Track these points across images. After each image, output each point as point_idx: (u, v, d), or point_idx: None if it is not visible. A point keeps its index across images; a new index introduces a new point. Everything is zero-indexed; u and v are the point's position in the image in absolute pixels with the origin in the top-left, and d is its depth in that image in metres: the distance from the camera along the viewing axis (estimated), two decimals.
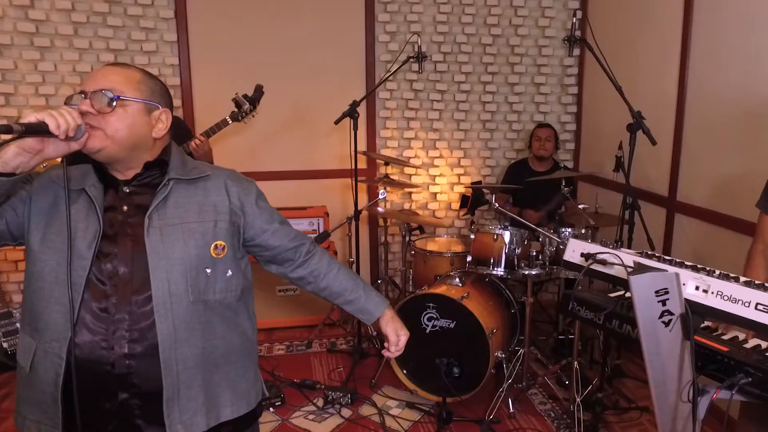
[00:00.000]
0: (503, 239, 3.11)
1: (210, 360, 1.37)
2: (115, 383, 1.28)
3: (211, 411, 1.38)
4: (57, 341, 1.27)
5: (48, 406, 1.30)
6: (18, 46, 3.55)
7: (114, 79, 1.29)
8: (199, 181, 1.41)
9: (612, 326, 1.89)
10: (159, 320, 1.28)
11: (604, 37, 2.92)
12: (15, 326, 3.16)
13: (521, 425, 2.93)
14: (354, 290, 1.61)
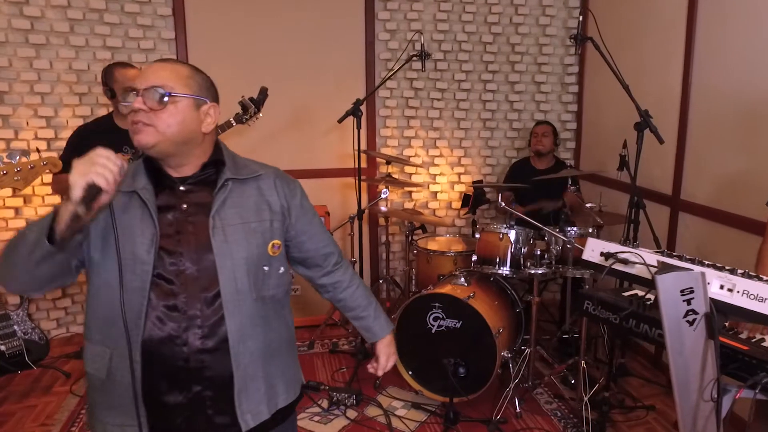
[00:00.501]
0: (509, 238, 3.09)
1: (268, 352, 1.42)
2: (189, 377, 1.32)
3: (271, 400, 1.44)
4: (129, 344, 1.29)
5: (130, 408, 1.31)
6: (12, 43, 3.47)
7: (164, 76, 1.30)
8: (251, 180, 1.44)
9: (629, 326, 1.88)
10: (228, 317, 1.32)
11: (606, 35, 2.89)
12: (12, 329, 3.11)
13: (528, 425, 2.91)
14: (366, 308, 1.68)
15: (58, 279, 1.32)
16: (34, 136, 3.62)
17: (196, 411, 1.35)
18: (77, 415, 2.98)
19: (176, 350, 1.30)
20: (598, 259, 1.70)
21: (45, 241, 1.18)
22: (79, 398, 3.13)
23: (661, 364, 3.46)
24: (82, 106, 3.70)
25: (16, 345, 3.09)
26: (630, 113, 3.62)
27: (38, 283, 1.29)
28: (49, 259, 1.21)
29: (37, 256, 1.20)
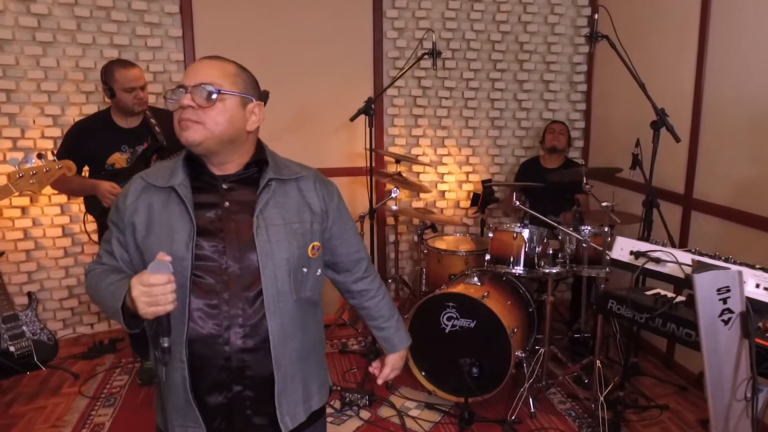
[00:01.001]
0: (523, 237, 3.07)
1: (305, 353, 1.42)
2: (230, 376, 1.32)
3: (306, 402, 1.44)
4: (177, 346, 1.29)
5: (186, 410, 1.34)
6: (19, 41, 3.43)
7: (212, 73, 1.30)
8: (292, 181, 1.42)
9: (655, 325, 1.87)
10: (270, 317, 1.32)
11: (618, 33, 2.88)
12: (21, 329, 3.07)
13: (543, 425, 2.89)
14: (389, 320, 1.66)
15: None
16: (41, 135, 3.58)
17: (235, 411, 1.35)
18: (87, 416, 2.94)
19: (218, 349, 1.30)
20: (628, 258, 1.68)
21: (123, 321, 1.27)
22: (89, 399, 3.10)
23: (673, 364, 3.45)
24: (89, 104, 3.66)
25: (25, 346, 3.05)
26: (642, 112, 3.62)
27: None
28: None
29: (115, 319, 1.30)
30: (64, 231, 3.73)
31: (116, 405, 3.06)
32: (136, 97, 2.89)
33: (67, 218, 3.73)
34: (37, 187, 2.21)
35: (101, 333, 3.90)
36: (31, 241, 3.65)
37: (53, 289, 3.76)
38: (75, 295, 3.85)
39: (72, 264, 3.81)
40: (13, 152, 3.51)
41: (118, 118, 2.96)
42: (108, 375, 3.38)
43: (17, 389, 3.19)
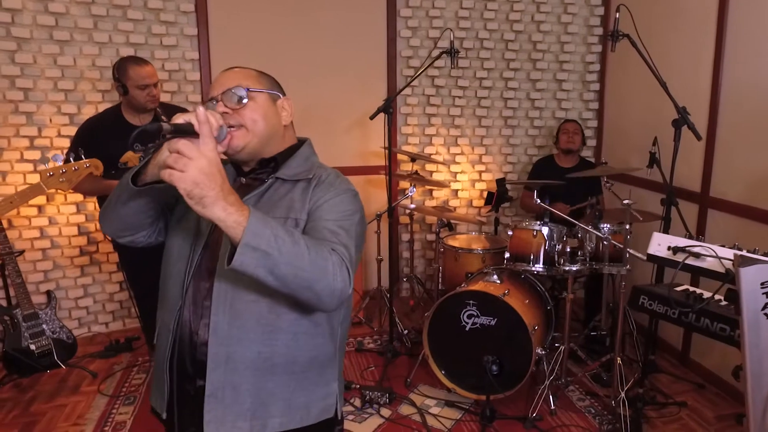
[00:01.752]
0: (543, 235, 3.08)
1: (267, 367, 1.27)
2: (196, 369, 1.29)
3: (257, 419, 1.28)
4: (170, 312, 1.32)
5: (161, 379, 1.34)
6: (37, 40, 3.43)
7: (237, 78, 1.33)
8: (301, 181, 1.36)
9: (689, 320, 1.87)
10: (214, 310, 1.25)
11: (631, 31, 2.89)
12: (41, 328, 3.07)
13: (564, 422, 2.90)
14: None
15: (135, 227, 1.36)
16: (57, 134, 3.58)
17: (196, 406, 1.28)
18: (108, 414, 2.94)
19: (192, 338, 1.29)
20: (666, 253, 1.69)
21: (130, 183, 1.22)
22: (108, 398, 3.10)
23: (689, 361, 3.47)
24: (105, 103, 3.66)
25: (45, 344, 3.05)
26: (657, 110, 3.65)
27: (122, 224, 1.36)
28: (132, 201, 1.27)
29: (124, 198, 1.27)
30: (79, 230, 3.73)
31: (136, 403, 3.06)
32: (149, 94, 2.88)
33: (82, 217, 3.73)
34: (66, 185, 2.22)
35: (116, 332, 3.90)
36: (48, 240, 3.65)
37: (69, 287, 3.76)
38: (90, 294, 3.85)
39: (87, 263, 3.81)
40: (30, 151, 3.51)
41: (130, 116, 2.95)
42: (126, 374, 3.38)
43: (36, 387, 3.19)
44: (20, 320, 3.01)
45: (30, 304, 3.06)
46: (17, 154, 3.48)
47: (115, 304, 3.95)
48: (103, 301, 3.91)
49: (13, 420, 2.88)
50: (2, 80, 3.38)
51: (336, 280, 1.14)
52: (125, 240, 1.39)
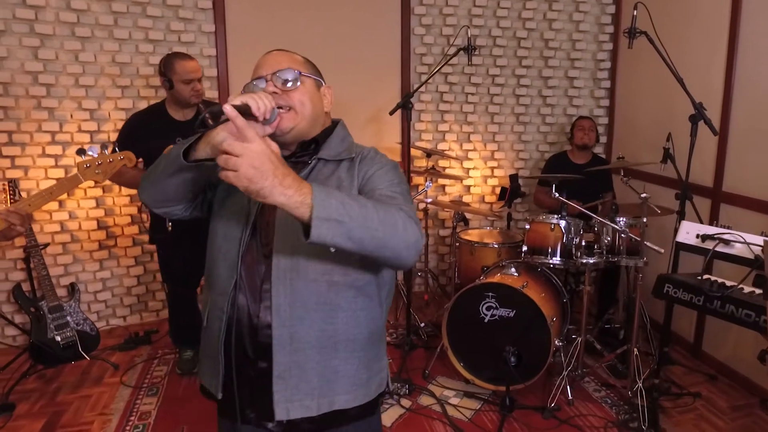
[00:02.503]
0: (560, 228, 3.13)
1: (330, 344, 1.31)
2: (257, 351, 1.30)
3: (323, 397, 1.31)
4: (222, 295, 1.32)
5: (214, 360, 1.35)
6: (59, 36, 3.47)
7: (286, 61, 1.36)
8: (344, 161, 1.39)
9: (713, 307, 1.93)
10: (275, 295, 1.27)
11: (646, 27, 2.93)
12: (66, 319, 3.12)
13: (581, 412, 2.95)
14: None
15: (175, 199, 1.37)
16: (78, 129, 3.62)
17: (257, 387, 1.31)
18: (133, 405, 2.99)
19: (252, 321, 1.30)
20: (695, 241, 1.74)
21: (181, 157, 1.23)
22: (132, 389, 3.14)
23: (701, 354, 3.52)
24: (124, 98, 3.71)
25: (69, 335, 3.09)
26: (670, 106, 3.71)
27: (163, 195, 1.36)
28: (178, 174, 1.28)
29: (170, 170, 1.28)
30: (98, 224, 3.77)
31: (159, 394, 3.10)
32: (193, 89, 2.94)
33: (101, 211, 3.77)
34: (101, 176, 2.26)
35: (134, 325, 3.95)
36: (68, 234, 3.69)
37: (88, 281, 3.80)
38: (109, 287, 3.89)
39: (106, 257, 3.85)
40: (52, 146, 3.55)
41: (174, 111, 3.00)
42: (147, 366, 3.42)
43: (60, 378, 3.23)
44: (46, 312, 3.06)
45: (55, 296, 3.10)
46: (39, 149, 3.52)
47: (132, 298, 3.99)
48: (121, 295, 3.95)
49: (40, 410, 2.93)
50: (25, 76, 3.42)
51: (408, 234, 1.17)
52: (161, 210, 1.40)
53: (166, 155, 1.30)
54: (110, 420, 2.85)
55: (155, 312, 4.07)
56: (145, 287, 4.01)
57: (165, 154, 1.32)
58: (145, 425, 2.81)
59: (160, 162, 1.33)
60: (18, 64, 3.39)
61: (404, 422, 2.85)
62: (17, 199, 2.93)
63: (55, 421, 2.84)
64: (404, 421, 2.87)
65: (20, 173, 3.48)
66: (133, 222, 3.89)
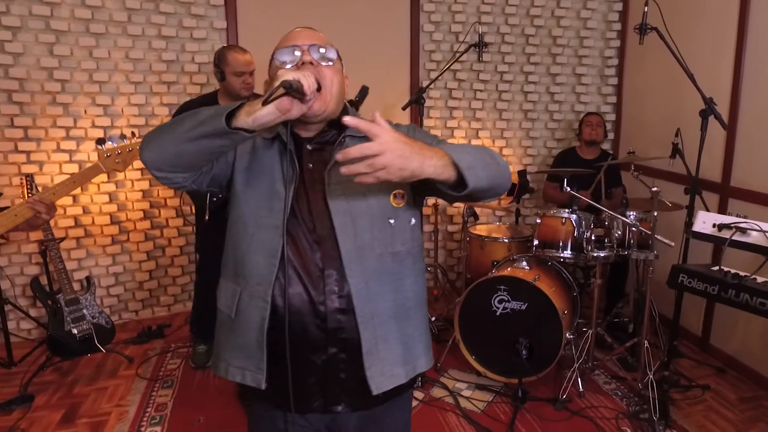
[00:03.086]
0: (571, 222, 3.17)
1: (402, 312, 1.36)
2: (325, 338, 1.29)
3: (409, 363, 1.37)
4: (261, 284, 1.29)
5: (253, 351, 1.31)
6: (74, 32, 3.50)
7: (322, 38, 1.35)
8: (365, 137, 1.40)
9: (728, 296, 1.96)
10: (350, 275, 1.28)
11: (655, 22, 2.96)
12: (82, 312, 3.15)
13: (592, 403, 2.98)
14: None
15: (185, 166, 1.27)
16: (92, 124, 3.65)
17: (329, 373, 1.32)
18: (149, 396, 3.02)
19: (314, 308, 1.28)
20: (711, 230, 1.78)
21: (222, 119, 1.15)
22: (147, 381, 3.18)
23: (709, 347, 3.56)
24: (137, 94, 3.74)
25: (85, 328, 3.13)
26: (678, 103, 3.74)
27: (173, 159, 1.25)
28: (206, 139, 1.19)
29: (198, 132, 1.19)
30: (111, 219, 3.81)
31: (174, 387, 3.13)
32: (244, 81, 2.97)
33: (114, 206, 3.80)
34: (121, 166, 2.30)
35: (146, 320, 3.98)
36: (81, 229, 3.73)
37: (101, 276, 3.84)
38: (121, 282, 3.93)
39: (119, 251, 3.88)
40: (66, 141, 3.58)
41: (225, 102, 3.03)
42: (160, 359, 3.46)
43: (76, 371, 3.27)
44: (63, 305, 3.09)
45: (71, 290, 3.14)
46: (53, 144, 3.55)
47: (144, 293, 4.02)
48: (134, 290, 3.98)
49: (58, 401, 2.96)
50: (41, 72, 3.45)
51: (505, 162, 1.28)
52: (162, 174, 1.28)
53: (192, 114, 1.23)
54: (127, 411, 2.88)
55: (167, 306, 4.10)
56: (156, 282, 4.05)
57: (189, 114, 1.24)
58: (162, 417, 2.84)
59: (181, 121, 1.23)
60: (34, 60, 3.43)
61: (417, 414, 2.89)
62: (34, 193, 2.97)
63: (74, 412, 2.87)
64: (417, 412, 2.91)
65: (35, 168, 3.52)
66: (145, 217, 3.92)
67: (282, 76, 1.14)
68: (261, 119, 1.15)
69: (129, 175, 3.81)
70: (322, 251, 1.29)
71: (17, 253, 3.59)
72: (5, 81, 3.41)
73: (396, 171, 1.06)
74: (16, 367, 3.25)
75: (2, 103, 3.43)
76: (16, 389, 3.02)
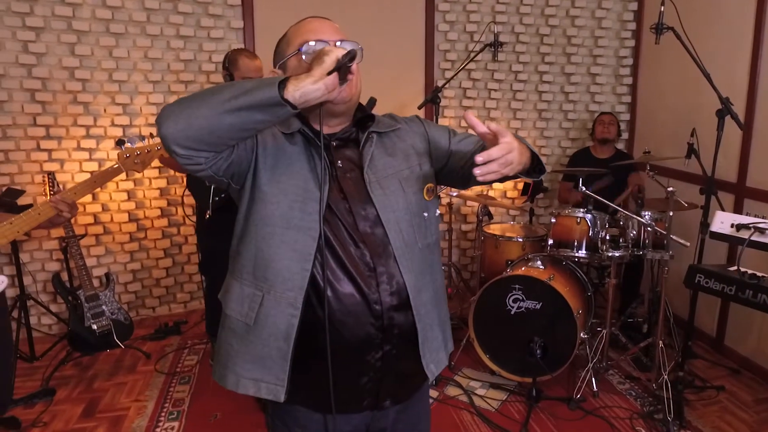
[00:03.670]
0: (586, 222, 3.17)
1: (437, 299, 1.40)
2: (381, 336, 1.27)
3: (446, 346, 1.44)
4: (291, 291, 1.23)
5: (273, 362, 1.26)
6: (95, 32, 3.56)
7: (341, 31, 1.33)
8: (391, 132, 1.41)
9: (745, 296, 1.96)
10: (404, 271, 1.28)
11: (675, 24, 2.96)
12: (101, 308, 3.20)
13: (606, 403, 2.99)
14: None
15: (215, 145, 1.15)
16: (111, 123, 3.71)
17: (384, 370, 1.31)
18: (167, 392, 3.07)
19: (368, 307, 1.25)
20: (729, 230, 1.78)
21: (275, 88, 1.07)
22: (165, 376, 3.22)
23: (723, 348, 3.55)
24: (156, 93, 3.79)
25: (105, 324, 3.18)
26: (694, 102, 3.73)
27: (206, 133, 1.11)
28: (249, 111, 1.08)
29: (243, 102, 1.08)
30: (130, 216, 3.86)
31: (191, 382, 3.18)
32: None
33: (133, 204, 3.86)
34: (140, 167, 2.33)
35: (163, 316, 4.03)
36: (101, 226, 3.78)
37: (119, 272, 3.89)
38: (139, 279, 3.98)
39: (136, 249, 3.94)
40: (86, 140, 3.64)
41: None
42: (177, 355, 3.51)
43: (96, 366, 3.33)
44: (83, 301, 3.14)
45: (91, 286, 3.19)
46: (74, 142, 3.61)
47: (161, 290, 4.07)
48: (151, 287, 4.04)
49: (79, 395, 3.02)
50: (63, 71, 3.51)
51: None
52: (184, 152, 1.13)
53: (228, 85, 1.12)
54: (145, 406, 2.93)
55: (183, 303, 4.15)
56: (173, 279, 4.10)
57: (224, 85, 1.14)
58: (179, 412, 2.88)
59: (215, 91, 1.11)
60: (56, 59, 3.49)
61: (432, 412, 2.88)
62: (56, 190, 3.03)
63: (94, 406, 2.93)
64: (432, 410, 2.92)
65: (56, 166, 3.58)
66: (162, 215, 3.97)
67: (332, 52, 1.12)
68: (309, 94, 1.10)
69: (147, 173, 3.86)
70: (369, 249, 1.26)
71: (39, 249, 3.66)
72: (29, 80, 3.48)
73: (516, 166, 1.13)
74: (38, 362, 3.32)
75: (25, 102, 3.50)
76: (38, 383, 3.09)
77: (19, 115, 3.51)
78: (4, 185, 3.48)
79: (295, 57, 1.31)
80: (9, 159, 3.53)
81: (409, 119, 1.49)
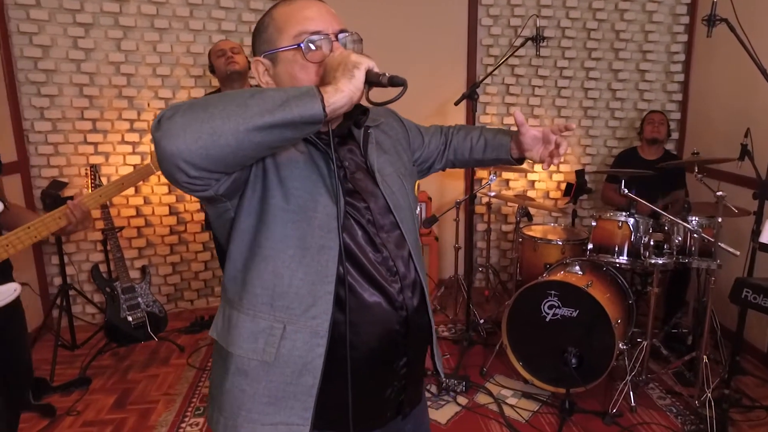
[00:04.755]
0: (628, 226, 3.03)
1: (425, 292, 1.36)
2: (406, 342, 1.20)
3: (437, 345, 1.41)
4: (316, 318, 1.10)
5: (296, 400, 1.12)
6: (140, 28, 3.65)
7: (339, 19, 1.19)
8: (376, 127, 1.31)
9: None
10: (419, 270, 1.23)
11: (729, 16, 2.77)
12: (137, 300, 3.26)
13: (644, 419, 2.86)
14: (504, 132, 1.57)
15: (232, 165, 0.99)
16: (154, 117, 3.77)
17: (409, 377, 1.24)
18: (196, 387, 3.11)
19: (395, 315, 1.16)
20: None
21: (318, 101, 0.95)
22: (196, 370, 3.27)
23: None
24: (197, 88, 3.85)
25: (140, 316, 3.25)
26: (749, 101, 3.51)
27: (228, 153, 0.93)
28: (283, 129, 0.94)
29: (279, 118, 0.92)
30: (170, 210, 3.93)
31: None
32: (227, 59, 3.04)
33: (173, 197, 3.93)
34: None
35: (200, 309, 4.10)
36: (142, 219, 3.87)
37: (159, 264, 3.98)
38: (178, 271, 4.06)
39: (176, 242, 4.01)
40: (130, 133, 3.73)
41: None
42: (210, 349, 3.55)
43: (131, 357, 3.41)
44: (119, 292, 3.22)
45: (128, 278, 3.26)
46: (119, 136, 3.71)
47: (199, 283, 4.14)
48: (189, 279, 4.11)
49: (113, 386, 3.10)
50: (109, 66, 3.62)
51: None
52: (197, 174, 0.94)
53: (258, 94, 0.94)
54: (174, 400, 2.98)
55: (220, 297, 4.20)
56: (212, 272, 4.16)
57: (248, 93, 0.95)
58: (205, 408, 2.92)
59: (243, 102, 0.93)
60: (103, 55, 3.59)
61: (459, 420, 2.84)
62: (98, 183, 3.10)
63: (125, 397, 3.00)
64: (459, 419, 2.86)
65: (101, 159, 3.69)
66: (201, 208, 4.02)
67: (360, 63, 1.03)
68: (338, 110, 1.00)
69: None
70: (389, 251, 1.18)
71: (84, 240, 3.78)
72: (77, 75, 3.59)
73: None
74: (78, 350, 3.43)
75: (74, 97, 3.62)
76: (76, 371, 3.18)
77: (68, 109, 3.63)
78: (53, 177, 3.60)
79: (291, 50, 1.13)
80: (58, 152, 3.66)
81: (385, 111, 1.39)
